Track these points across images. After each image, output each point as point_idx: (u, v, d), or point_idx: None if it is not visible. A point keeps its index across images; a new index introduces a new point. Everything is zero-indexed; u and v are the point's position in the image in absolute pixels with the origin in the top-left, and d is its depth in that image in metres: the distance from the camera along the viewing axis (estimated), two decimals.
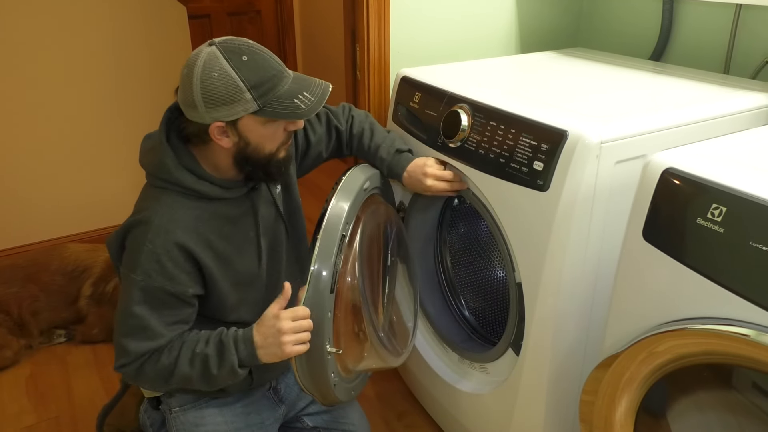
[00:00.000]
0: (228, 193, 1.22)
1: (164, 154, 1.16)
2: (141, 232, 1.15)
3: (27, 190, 2.61)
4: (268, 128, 1.16)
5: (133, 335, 1.16)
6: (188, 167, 1.18)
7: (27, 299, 2.16)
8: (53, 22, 2.45)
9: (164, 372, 1.18)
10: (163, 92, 2.73)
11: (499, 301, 1.75)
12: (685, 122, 1.26)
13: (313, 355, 1.20)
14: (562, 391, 1.36)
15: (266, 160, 1.20)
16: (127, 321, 1.16)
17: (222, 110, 1.10)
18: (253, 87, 1.09)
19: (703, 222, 0.93)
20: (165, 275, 1.14)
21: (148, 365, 1.17)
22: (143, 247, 1.13)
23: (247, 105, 1.10)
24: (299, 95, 1.13)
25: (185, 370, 1.17)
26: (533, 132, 1.23)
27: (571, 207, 1.18)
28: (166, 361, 1.17)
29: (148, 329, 1.16)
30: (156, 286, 1.14)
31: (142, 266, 1.13)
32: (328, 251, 1.20)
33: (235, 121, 1.12)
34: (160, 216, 1.15)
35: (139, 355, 1.16)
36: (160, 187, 1.18)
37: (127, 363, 1.17)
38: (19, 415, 1.92)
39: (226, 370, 1.16)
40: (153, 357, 1.17)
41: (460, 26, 1.90)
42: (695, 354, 0.99)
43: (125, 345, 1.16)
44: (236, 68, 1.08)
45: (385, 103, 1.81)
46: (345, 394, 1.34)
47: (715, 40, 1.72)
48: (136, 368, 1.17)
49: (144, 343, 1.16)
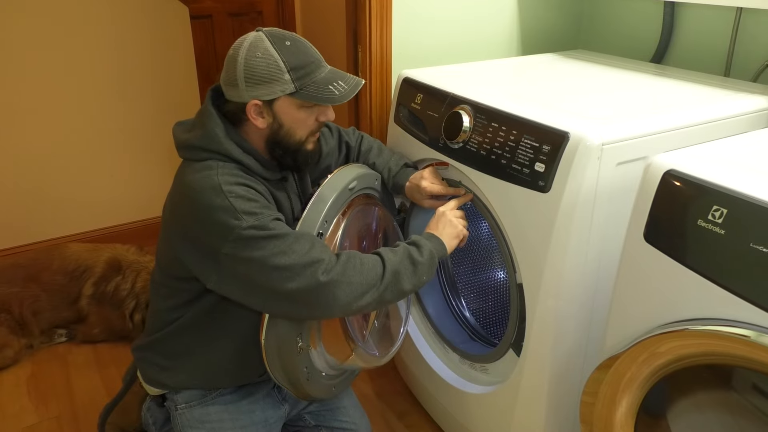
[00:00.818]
0: (267, 173, 1.25)
1: (215, 125, 1.19)
2: (214, 193, 1.12)
3: (28, 190, 2.62)
4: (301, 113, 1.21)
5: (297, 249, 1.12)
6: (235, 140, 1.20)
7: (28, 299, 2.16)
8: (54, 23, 2.45)
9: (366, 262, 1.17)
10: (165, 92, 2.74)
11: (499, 302, 1.76)
12: (685, 124, 1.27)
13: (284, 348, 1.21)
14: (563, 392, 1.37)
15: (296, 146, 1.24)
16: (283, 245, 1.11)
17: (261, 88, 1.16)
18: (293, 69, 1.16)
19: (704, 224, 0.94)
20: (264, 206, 1.15)
21: (339, 261, 1.15)
22: (229, 200, 1.11)
23: (285, 86, 1.16)
24: (334, 83, 1.19)
25: (381, 253, 1.20)
26: (535, 133, 1.23)
27: (572, 208, 1.18)
28: (358, 256, 1.17)
29: (309, 237, 1.15)
30: (268, 218, 1.13)
31: (243, 211, 1.11)
32: None
33: (272, 102, 1.18)
34: (220, 175, 1.15)
35: (326, 255, 1.14)
36: (203, 160, 1.18)
37: (329, 266, 1.13)
38: (20, 414, 1.92)
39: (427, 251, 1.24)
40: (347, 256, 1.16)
41: (462, 28, 1.90)
42: (695, 355, 0.99)
43: (313, 256, 1.12)
44: (279, 50, 1.15)
45: (386, 104, 1.82)
46: (322, 389, 1.34)
47: (716, 42, 1.72)
48: (344, 263, 1.14)
49: (317, 245, 1.14)
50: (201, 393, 1.35)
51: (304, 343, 1.21)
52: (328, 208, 1.24)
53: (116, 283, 2.21)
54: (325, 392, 1.36)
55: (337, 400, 1.51)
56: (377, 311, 1.51)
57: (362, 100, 1.83)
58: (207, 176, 1.15)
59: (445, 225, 1.33)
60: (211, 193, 1.12)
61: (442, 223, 1.34)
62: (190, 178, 1.17)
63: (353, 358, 1.31)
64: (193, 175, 1.17)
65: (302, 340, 1.21)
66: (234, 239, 1.11)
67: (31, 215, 2.65)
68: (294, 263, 1.10)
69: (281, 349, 1.21)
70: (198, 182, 1.15)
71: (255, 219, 1.11)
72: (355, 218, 1.35)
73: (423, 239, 1.28)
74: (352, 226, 1.34)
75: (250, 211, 1.12)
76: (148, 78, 2.72)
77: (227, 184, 1.13)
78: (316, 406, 1.50)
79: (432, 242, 1.28)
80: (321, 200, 1.25)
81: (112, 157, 2.75)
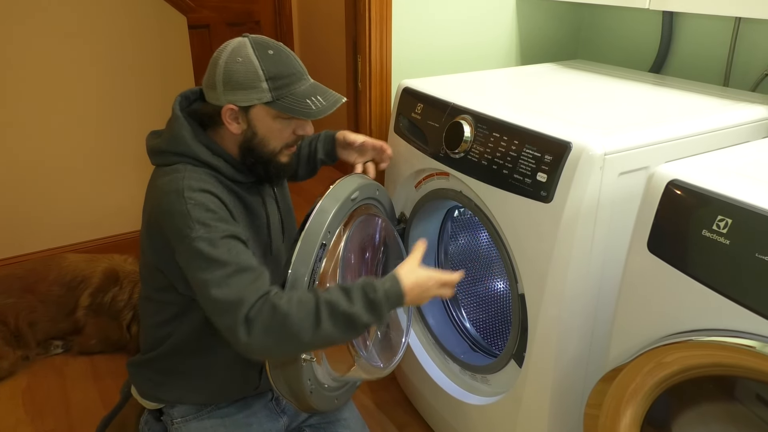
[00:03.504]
0: (239, 176, 1.24)
1: (181, 127, 1.19)
2: (176, 197, 1.12)
3: (26, 200, 2.60)
4: (277, 123, 1.20)
5: (232, 283, 1.07)
6: (203, 142, 1.20)
7: (24, 309, 2.14)
8: (53, 34, 2.45)
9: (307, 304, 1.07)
10: (163, 100, 2.73)
11: (500, 313, 1.75)
12: (686, 134, 1.27)
13: (288, 361, 1.20)
14: (566, 404, 1.36)
15: (269, 156, 1.23)
16: (218, 276, 1.07)
17: (238, 94, 1.15)
18: (271, 78, 1.15)
19: (709, 234, 0.93)
20: (220, 219, 1.13)
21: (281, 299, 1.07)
22: (187, 206, 1.11)
23: (262, 94, 1.15)
24: (313, 97, 1.17)
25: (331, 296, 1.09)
26: (537, 143, 1.23)
27: (574, 218, 1.18)
28: (303, 295, 1.09)
29: (244, 269, 1.08)
30: (219, 233, 1.10)
31: (197, 220, 1.10)
32: (306, 258, 1.19)
33: (248, 109, 1.17)
34: (186, 179, 1.14)
35: (257, 298, 1.06)
36: (174, 163, 1.18)
37: (249, 309, 1.05)
38: (15, 427, 1.90)
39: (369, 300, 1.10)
40: (280, 292, 1.09)
41: (462, 38, 1.91)
42: (700, 366, 0.99)
43: (232, 298, 1.05)
44: (260, 58, 1.15)
45: (386, 114, 1.82)
46: (324, 402, 1.33)
47: (715, 52, 1.73)
48: (270, 309, 1.05)
49: (253, 285, 1.08)
50: (197, 407, 1.34)
51: (308, 356, 1.20)
52: (330, 219, 1.23)
53: (113, 294, 2.19)
54: (327, 404, 1.35)
55: (338, 412, 1.49)
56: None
57: (362, 109, 1.83)
58: (173, 180, 1.15)
59: (424, 289, 1.18)
60: (173, 197, 1.12)
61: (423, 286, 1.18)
62: (158, 182, 1.18)
63: (355, 369, 1.29)
64: (161, 179, 1.18)
65: (306, 352, 1.20)
66: (185, 248, 1.10)
67: (28, 225, 2.64)
68: (225, 299, 1.06)
69: (285, 362, 1.20)
70: (164, 185, 1.15)
71: (206, 231, 1.09)
72: (358, 229, 1.35)
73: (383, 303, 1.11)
74: (354, 237, 1.33)
75: (203, 222, 1.10)
76: (146, 88, 2.72)
77: (189, 189, 1.13)
78: (317, 419, 1.48)
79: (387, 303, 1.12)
80: (323, 211, 1.24)
81: (110, 167, 2.75)
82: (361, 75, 1.79)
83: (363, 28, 1.72)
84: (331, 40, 3.57)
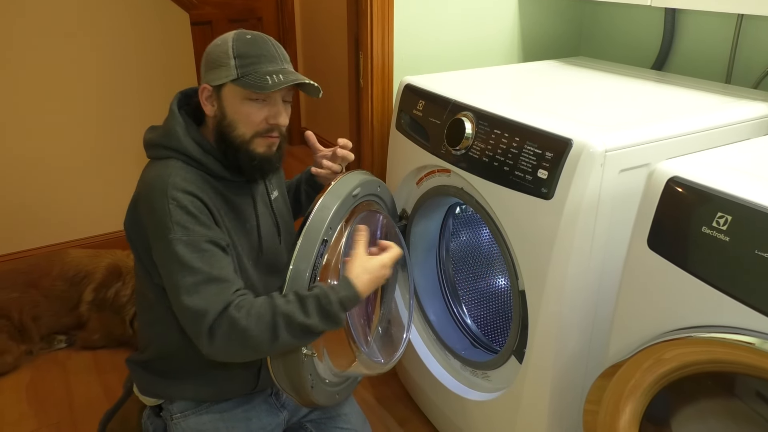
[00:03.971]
0: (229, 174, 1.24)
1: (174, 122, 1.21)
2: (159, 194, 1.14)
3: (29, 196, 2.61)
4: (245, 107, 1.19)
5: (203, 292, 1.09)
6: (195, 139, 1.21)
7: (28, 304, 2.15)
8: (55, 30, 2.46)
9: (264, 317, 1.09)
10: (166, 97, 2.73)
11: (501, 309, 1.76)
12: (688, 131, 1.27)
13: (288, 356, 1.20)
14: (566, 400, 1.36)
15: (239, 143, 1.21)
16: (188, 282, 1.10)
17: (212, 74, 1.19)
18: (239, 56, 1.16)
19: (709, 230, 0.94)
20: (200, 223, 1.14)
21: (240, 313, 1.09)
22: (169, 206, 1.12)
23: (229, 71, 1.16)
24: (274, 75, 1.17)
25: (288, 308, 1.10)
26: (538, 140, 1.23)
27: (575, 215, 1.18)
28: (261, 308, 1.10)
29: (216, 278, 1.11)
30: (198, 237, 1.12)
31: (176, 222, 1.12)
32: (308, 254, 1.19)
33: (220, 89, 1.19)
34: (173, 177, 1.16)
35: (224, 307, 1.09)
36: (165, 158, 1.20)
37: (213, 321, 1.08)
38: (19, 421, 1.91)
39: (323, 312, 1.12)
40: (240, 305, 1.10)
41: (464, 35, 1.91)
42: (700, 362, 0.99)
43: (201, 305, 1.08)
44: (235, 40, 1.18)
45: (388, 111, 1.82)
46: (326, 397, 1.33)
47: (717, 49, 1.73)
48: (230, 322, 1.08)
49: (221, 294, 1.10)
50: (195, 402, 1.34)
51: (309, 351, 1.21)
52: (332, 215, 1.23)
53: (116, 289, 2.20)
54: (328, 399, 1.36)
55: (338, 407, 1.50)
56: (381, 316, 1.51)
57: (364, 106, 1.83)
58: (161, 175, 1.16)
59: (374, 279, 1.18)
60: (158, 194, 1.14)
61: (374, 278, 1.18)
62: (147, 174, 1.20)
63: (356, 364, 1.30)
64: (150, 172, 1.19)
65: (307, 347, 1.21)
66: (162, 247, 1.13)
67: (31, 221, 2.65)
68: (193, 307, 1.09)
69: (286, 357, 1.21)
70: (151, 179, 1.17)
71: (184, 233, 1.11)
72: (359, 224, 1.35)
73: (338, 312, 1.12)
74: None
75: (183, 225, 1.12)
76: (148, 84, 2.73)
77: (174, 188, 1.14)
78: (318, 414, 1.49)
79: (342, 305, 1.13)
80: (325, 207, 1.25)
81: (112, 163, 2.75)
82: (363, 72, 1.79)
83: (365, 24, 1.72)
84: (334, 36, 3.57)
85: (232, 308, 1.09)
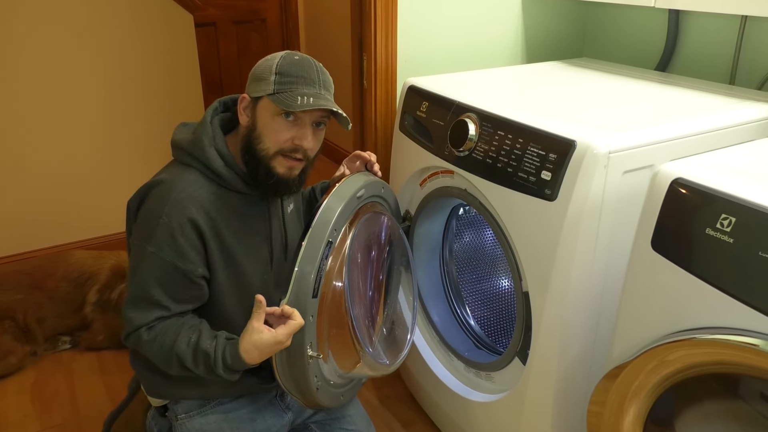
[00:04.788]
0: (247, 189, 1.26)
1: (204, 132, 1.23)
2: (159, 202, 1.18)
3: (33, 197, 2.62)
4: (274, 122, 1.20)
5: (137, 305, 1.20)
6: (219, 151, 1.23)
7: (32, 306, 2.16)
8: (59, 32, 2.46)
9: (164, 349, 1.19)
10: (170, 99, 2.75)
11: (505, 310, 1.76)
12: (691, 133, 1.27)
13: (294, 358, 1.20)
14: (569, 401, 1.36)
15: (261, 155, 1.21)
16: (134, 291, 1.20)
17: (253, 85, 1.21)
18: (280, 73, 1.18)
19: (713, 232, 0.94)
20: (177, 251, 1.18)
21: (148, 337, 1.20)
22: (159, 220, 1.17)
23: (267, 86, 1.18)
24: (306, 96, 1.17)
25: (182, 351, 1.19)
26: (541, 142, 1.23)
27: (579, 216, 1.18)
28: (166, 339, 1.19)
29: (153, 300, 1.19)
30: (167, 260, 1.18)
31: (156, 238, 1.17)
32: (313, 256, 1.19)
33: (257, 101, 1.20)
34: (179, 190, 1.18)
35: (139, 326, 1.19)
36: (187, 164, 1.23)
37: (129, 332, 1.21)
38: (23, 422, 1.91)
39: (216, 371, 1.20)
40: (154, 329, 1.20)
41: (467, 36, 1.91)
42: (704, 364, 0.99)
43: (129, 315, 1.20)
44: (282, 58, 1.21)
45: (392, 113, 1.82)
46: (331, 398, 1.33)
47: (721, 50, 1.73)
48: (137, 339, 1.20)
49: (146, 314, 1.20)
50: (200, 403, 1.34)
51: (314, 353, 1.21)
52: (337, 217, 1.23)
53: (120, 291, 2.21)
54: (333, 400, 1.36)
55: (342, 408, 1.50)
56: (386, 317, 1.51)
57: (367, 108, 1.83)
58: (173, 183, 1.19)
59: (262, 350, 1.16)
60: (159, 202, 1.18)
61: (262, 350, 1.15)
62: (165, 174, 1.24)
63: (361, 366, 1.30)
64: (167, 174, 1.23)
65: (312, 349, 1.21)
66: (139, 248, 1.20)
67: (36, 222, 2.66)
68: (124, 314, 1.21)
69: (291, 359, 1.21)
70: (164, 182, 1.20)
71: (157, 250, 1.17)
72: (364, 227, 1.35)
73: (223, 372, 1.18)
74: (360, 235, 1.33)
75: (160, 244, 1.17)
76: (152, 85, 2.73)
77: (174, 206, 1.17)
78: (322, 416, 1.49)
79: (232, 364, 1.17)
80: (329, 209, 1.25)
81: (117, 164, 2.76)
82: (367, 73, 1.79)
83: (369, 26, 1.72)
84: (338, 38, 3.57)
85: (143, 330, 1.20)
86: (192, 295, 1.23)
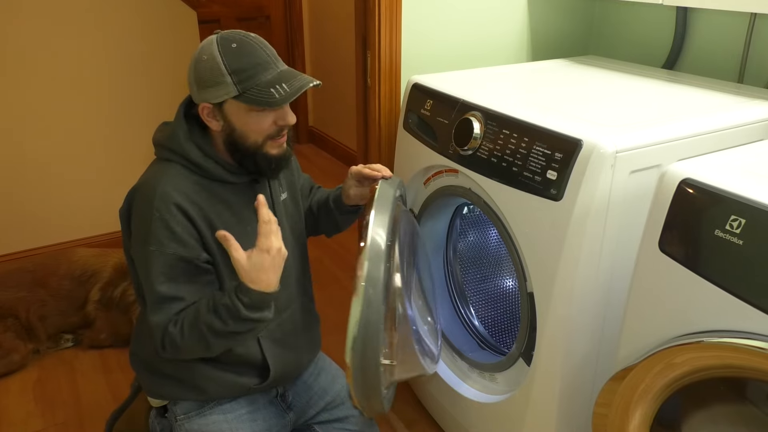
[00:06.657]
0: (231, 177, 1.25)
1: (178, 126, 1.23)
2: (146, 202, 1.18)
3: (36, 195, 2.62)
4: (251, 117, 1.19)
5: (159, 308, 1.18)
6: (197, 143, 1.22)
7: (35, 303, 2.16)
8: (63, 29, 2.46)
9: (193, 330, 1.17)
10: (173, 95, 2.73)
11: (509, 311, 1.75)
12: (699, 132, 1.25)
13: (369, 370, 1.16)
14: (575, 403, 1.35)
15: (253, 150, 1.22)
16: (150, 297, 1.19)
17: (208, 92, 1.17)
18: (234, 72, 1.14)
19: (722, 234, 0.92)
20: (176, 240, 1.17)
21: (176, 329, 1.18)
22: (152, 217, 1.16)
23: (228, 89, 1.15)
24: (277, 85, 1.16)
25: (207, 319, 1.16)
26: (547, 141, 1.22)
27: (585, 217, 1.17)
28: (189, 319, 1.18)
29: (168, 297, 1.18)
30: (170, 254, 1.17)
31: (154, 235, 1.16)
32: (377, 263, 1.15)
33: (221, 105, 1.18)
34: (163, 184, 1.18)
35: (165, 325, 1.18)
36: (167, 159, 1.23)
37: (161, 337, 1.18)
38: (26, 420, 1.91)
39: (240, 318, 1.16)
40: (178, 322, 1.18)
41: (472, 34, 1.89)
42: (711, 367, 0.98)
43: (154, 321, 1.18)
44: (223, 53, 1.14)
45: (396, 111, 1.81)
46: (388, 403, 1.32)
47: (729, 48, 1.71)
48: (170, 340, 1.18)
49: (167, 312, 1.19)
50: (199, 403, 1.34)
51: (389, 361, 1.19)
52: (389, 219, 1.20)
53: (123, 288, 2.21)
54: (388, 405, 1.32)
55: (346, 409, 1.49)
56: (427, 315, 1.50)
57: (371, 106, 1.82)
58: (156, 179, 1.19)
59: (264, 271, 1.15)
60: (146, 201, 1.18)
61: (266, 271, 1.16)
62: (147, 172, 1.24)
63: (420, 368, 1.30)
64: (149, 171, 1.24)
65: (386, 357, 1.19)
66: (138, 251, 1.20)
67: (38, 220, 2.66)
68: (154, 322, 1.18)
69: (365, 369, 1.16)
70: (147, 179, 1.21)
71: (158, 248, 1.16)
72: (403, 224, 1.34)
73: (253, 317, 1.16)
74: (404, 234, 1.32)
75: (159, 240, 1.16)
76: (155, 83, 2.73)
77: (161, 199, 1.17)
78: (326, 416, 1.48)
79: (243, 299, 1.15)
80: (381, 212, 1.20)
81: (120, 161, 2.76)
82: (371, 71, 1.78)
83: (372, 23, 1.71)
84: (341, 35, 3.56)
85: (170, 326, 1.18)
86: (204, 280, 1.22)
